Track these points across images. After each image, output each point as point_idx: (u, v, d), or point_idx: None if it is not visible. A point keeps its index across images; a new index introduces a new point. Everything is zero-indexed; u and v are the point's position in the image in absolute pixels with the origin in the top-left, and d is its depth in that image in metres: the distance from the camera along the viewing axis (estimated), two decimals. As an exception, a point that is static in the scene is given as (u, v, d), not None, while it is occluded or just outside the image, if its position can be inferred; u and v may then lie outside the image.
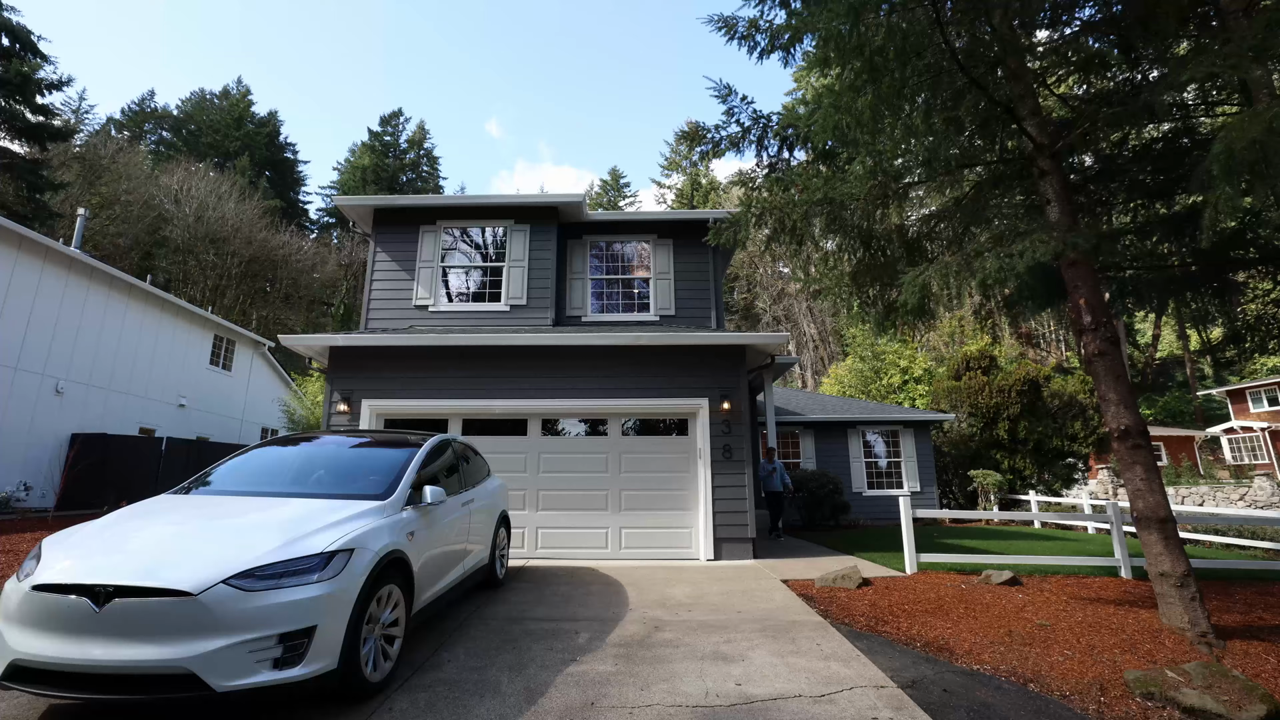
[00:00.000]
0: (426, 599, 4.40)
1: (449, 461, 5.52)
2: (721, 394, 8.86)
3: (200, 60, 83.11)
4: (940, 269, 4.66)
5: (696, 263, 11.02)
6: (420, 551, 4.21)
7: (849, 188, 5.30)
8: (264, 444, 5.02)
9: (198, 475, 4.50)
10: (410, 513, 4.24)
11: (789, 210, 5.36)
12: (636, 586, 6.60)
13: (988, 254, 4.53)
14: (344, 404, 8.85)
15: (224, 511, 3.74)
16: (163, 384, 17.45)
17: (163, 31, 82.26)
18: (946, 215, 6.77)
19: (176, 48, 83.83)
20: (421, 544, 4.26)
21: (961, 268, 4.62)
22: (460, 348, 9.02)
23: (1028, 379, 17.79)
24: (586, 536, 8.59)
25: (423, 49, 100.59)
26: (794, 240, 5.72)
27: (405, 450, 4.82)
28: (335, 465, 4.64)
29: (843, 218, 5.64)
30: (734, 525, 8.46)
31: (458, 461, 5.75)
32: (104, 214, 37.12)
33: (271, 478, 4.47)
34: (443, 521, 4.78)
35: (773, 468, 11.81)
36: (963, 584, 6.48)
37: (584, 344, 9.02)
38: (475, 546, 5.76)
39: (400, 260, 10.51)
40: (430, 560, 4.44)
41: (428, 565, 4.38)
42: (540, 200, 10.45)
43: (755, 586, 6.59)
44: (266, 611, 2.94)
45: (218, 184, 43.16)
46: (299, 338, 8.84)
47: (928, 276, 4.71)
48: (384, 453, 4.84)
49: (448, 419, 8.99)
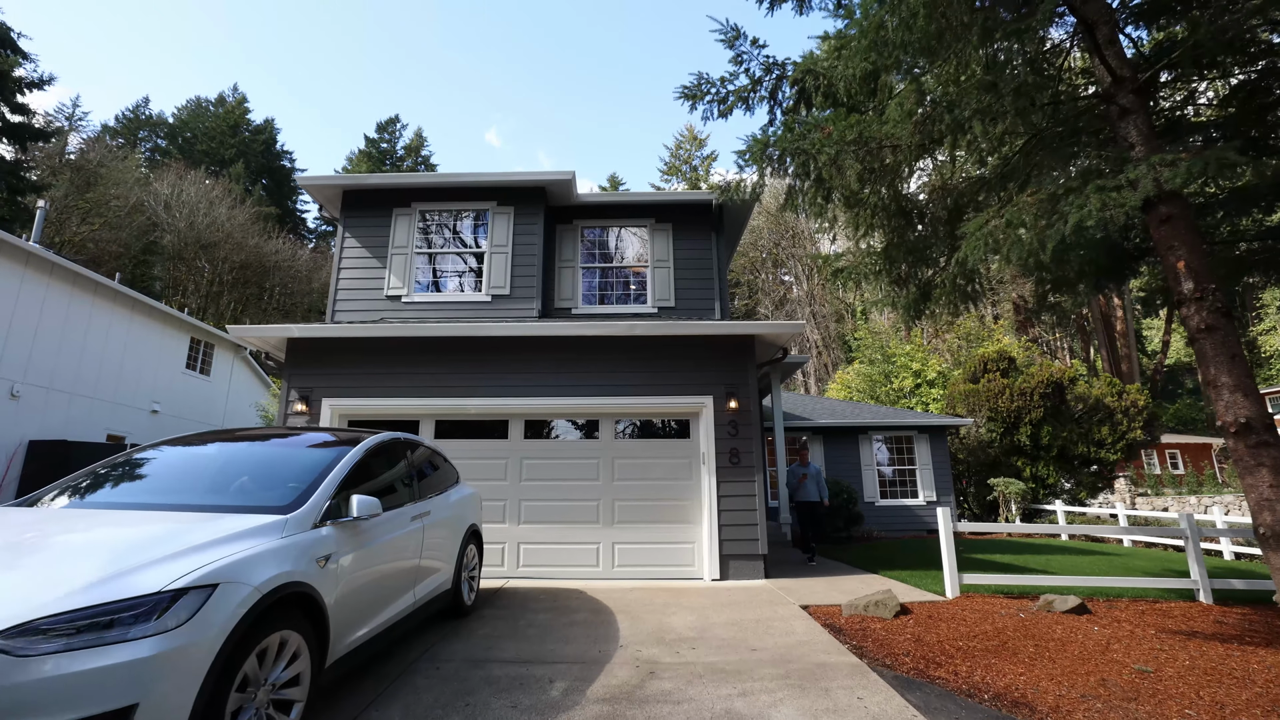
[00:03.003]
0: (353, 643, 3.38)
1: (396, 466, 4.51)
2: (728, 391, 7.85)
3: (197, 68, 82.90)
4: (1016, 211, 3.66)
5: (698, 249, 10.04)
6: (341, 581, 3.19)
7: (890, 128, 4.32)
8: (161, 442, 4.01)
9: (60, 481, 3.48)
10: (328, 530, 3.22)
11: (816, 151, 4.38)
12: (629, 614, 5.56)
13: (1081, 193, 3.53)
14: (302, 404, 7.84)
15: (54, 530, 2.73)
16: (134, 388, 16.45)
17: (159, 39, 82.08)
18: (992, 183, 5.78)
19: (173, 55, 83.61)
20: (344, 571, 3.25)
21: (1043, 210, 3.62)
22: (432, 339, 8.03)
23: (1051, 381, 16.76)
24: (574, 553, 7.54)
25: (422, 59, 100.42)
26: (820, 193, 4.74)
27: (334, 451, 3.80)
28: (236, 469, 3.62)
29: (879, 168, 4.65)
30: (742, 540, 7.42)
31: (411, 466, 4.73)
32: (94, 219, 36.31)
33: (149, 485, 3.47)
34: (381, 540, 3.76)
35: (805, 472, 9.64)
36: (1019, 611, 5.44)
37: (572, 334, 8.02)
38: (434, 568, 4.74)
39: (371, 246, 9.54)
40: (359, 591, 3.42)
41: (354, 598, 3.35)
42: (526, 179, 9.49)
43: (770, 614, 5.54)
44: (51, 687, 1.93)
45: (209, 189, 42.44)
46: (250, 329, 7.85)
47: (995, 227, 3.70)
48: (307, 454, 3.82)
49: (419, 420, 7.97)
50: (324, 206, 9.97)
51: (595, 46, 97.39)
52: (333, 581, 3.11)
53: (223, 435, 4.15)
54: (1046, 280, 6.05)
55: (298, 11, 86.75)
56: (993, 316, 37.96)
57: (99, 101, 76.66)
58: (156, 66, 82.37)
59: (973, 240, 3.81)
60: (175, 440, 4.05)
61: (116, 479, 3.47)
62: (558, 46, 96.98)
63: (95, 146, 43.04)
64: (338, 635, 3.16)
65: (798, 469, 9.73)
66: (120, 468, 3.59)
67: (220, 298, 41.17)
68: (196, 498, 3.27)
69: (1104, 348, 46.37)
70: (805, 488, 9.54)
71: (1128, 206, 3.33)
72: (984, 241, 3.75)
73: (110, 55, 80.00)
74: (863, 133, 4.33)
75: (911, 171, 4.94)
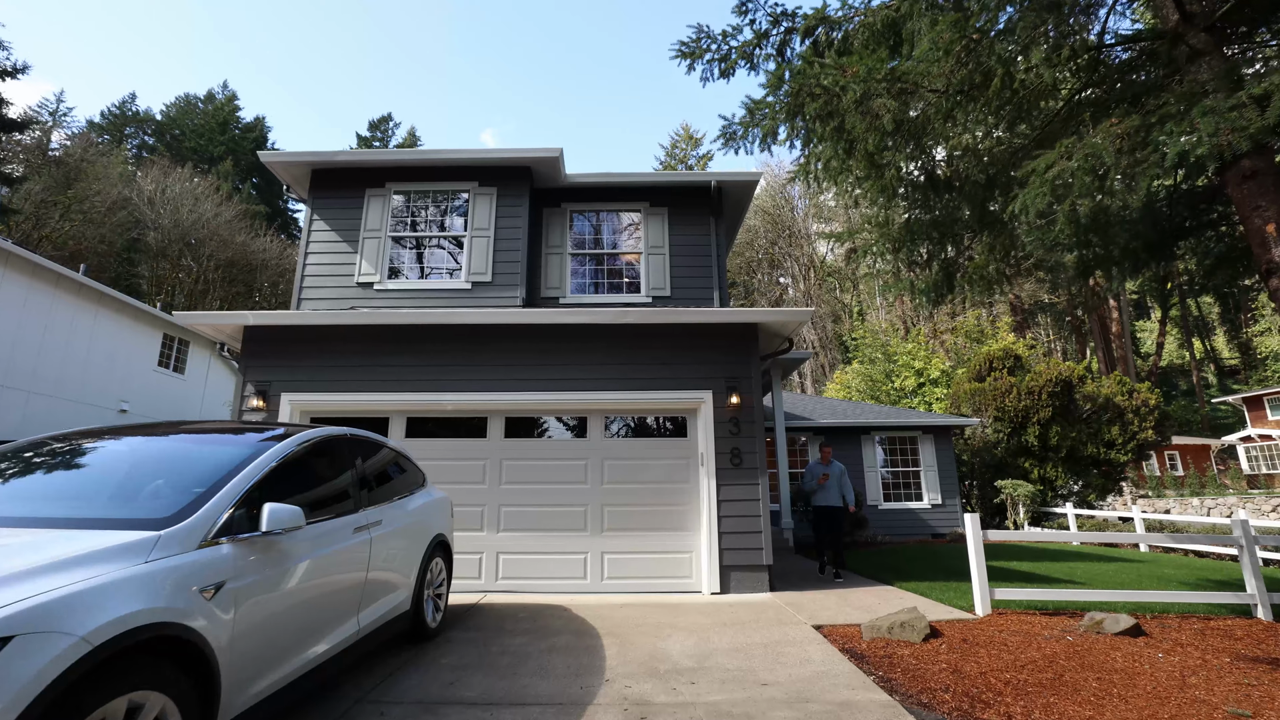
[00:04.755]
0: (263, 692, 2.65)
1: (338, 467, 3.78)
2: (728, 385, 7.15)
3: (188, 65, 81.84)
4: (1095, 144, 2.96)
5: (696, 235, 9.35)
6: (241, 615, 2.47)
7: (926, 65, 3.64)
8: (46, 437, 3.27)
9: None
10: (225, 550, 2.50)
11: (840, 89, 3.68)
12: (619, 637, 4.85)
13: (1182, 119, 2.85)
14: (258, 399, 7.09)
15: None
16: (100, 387, 15.61)
17: (149, 35, 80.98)
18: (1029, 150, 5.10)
19: (163, 51, 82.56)
20: (247, 601, 2.52)
21: (1131, 143, 2.93)
22: (404, 328, 7.30)
23: (1060, 380, 16.14)
24: (559, 564, 6.82)
25: (420, 59, 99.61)
26: (840, 145, 4.03)
27: (250, 449, 3.08)
28: (118, 472, 2.89)
29: (908, 123, 3.96)
30: (745, 550, 6.71)
31: (358, 467, 4.01)
32: (74, 215, 35.35)
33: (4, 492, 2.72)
34: (308, 558, 3.03)
35: (826, 471, 8.08)
36: (1065, 633, 4.75)
37: (559, 323, 7.31)
38: (387, 587, 4.02)
39: (342, 229, 8.80)
40: (271, 625, 2.70)
41: (263, 635, 2.63)
42: (510, 157, 8.77)
43: (780, 637, 4.84)
44: None
45: (194, 186, 41.53)
46: (201, 315, 7.12)
47: (1064, 169, 3.00)
48: (214, 453, 3.09)
49: (389, 417, 7.24)
50: (291, 187, 9.22)
51: (591, 47, 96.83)
52: (226, 617, 2.39)
53: (124, 430, 3.41)
54: (1089, 256, 5.37)
55: (292, 9, 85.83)
56: (989, 318, 37.50)
57: (86, 98, 75.51)
58: (146, 63, 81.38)
59: (1035, 186, 3.12)
60: (63, 435, 3.31)
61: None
62: (555, 47, 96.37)
63: (79, 142, 42.10)
64: (235, 686, 2.43)
65: (817, 467, 8.24)
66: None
67: (206, 296, 40.27)
68: (45, 508, 2.53)
69: (1100, 349, 46.06)
70: (826, 490, 8.05)
71: (1253, 129, 2.66)
72: (1049, 187, 3.07)
73: (99, 51, 78.90)
74: (898, 71, 3.65)
75: (945, 127, 4.25)
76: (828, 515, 8.06)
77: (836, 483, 8.06)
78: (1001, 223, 4.92)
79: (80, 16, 73.71)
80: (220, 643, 2.33)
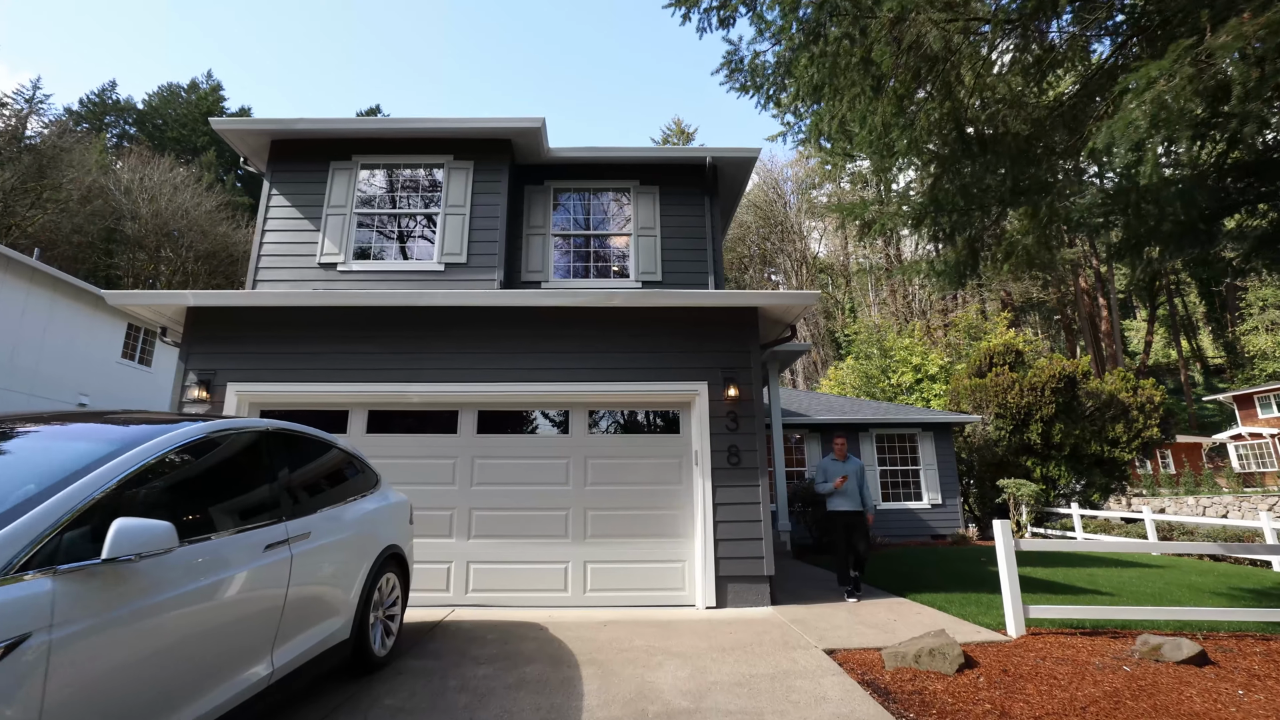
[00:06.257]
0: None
1: (246, 468, 3.06)
2: (725, 376, 6.47)
3: (170, 53, 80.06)
4: (1232, 36, 2.27)
5: (689, 216, 8.66)
6: (59, 684, 1.75)
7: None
8: None
9: None
10: (37, 586, 1.78)
11: (874, 3, 2.99)
12: (600, 666, 4.15)
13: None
14: (201, 389, 6.33)
15: None
16: (56, 379, 14.69)
17: (130, 20, 79.15)
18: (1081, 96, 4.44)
19: (144, 35, 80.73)
20: (72, 659, 1.81)
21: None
22: (366, 310, 6.56)
23: (1063, 375, 15.59)
24: (536, 574, 6.11)
25: (415, 59, 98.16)
26: (867, 82, 3.33)
27: (109, 447, 2.35)
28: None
29: (947, 55, 3.28)
30: (743, 559, 6.04)
31: (277, 468, 3.28)
32: (46, 204, 34.13)
33: None
34: (180, 590, 2.31)
35: (843, 471, 6.67)
36: (1118, 660, 4.10)
37: (539, 305, 6.60)
38: (316, 614, 3.30)
39: (303, 205, 8.03)
40: (112, 688, 1.98)
41: (101, 704, 1.92)
42: (488, 127, 8.02)
43: (788, 665, 4.16)
44: None
45: (173, 175, 40.31)
46: (135, 295, 6.36)
47: (1162, 90, 2.32)
48: (54, 451, 2.36)
49: (348, 410, 6.50)
50: (248, 159, 8.44)
51: (584, 46, 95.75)
52: (26, 689, 1.67)
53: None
54: (1141, 228, 4.73)
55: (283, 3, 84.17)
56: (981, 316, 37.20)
57: (64, 86, 73.64)
58: (127, 49, 79.54)
59: (1127, 113, 2.43)
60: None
61: None
62: (549, 48, 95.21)
63: (55, 129, 40.71)
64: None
65: (833, 465, 6.77)
66: None
67: (186, 288, 39.12)
68: None
69: (1090, 347, 45.92)
70: (845, 492, 6.62)
71: None
72: (1148, 112, 2.37)
73: (77, 37, 76.97)
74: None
75: (990, 54, 3.57)
76: (847, 523, 6.59)
77: (856, 484, 6.65)
78: (1046, 185, 4.27)
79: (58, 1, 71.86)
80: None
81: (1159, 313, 51.70)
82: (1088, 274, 45.72)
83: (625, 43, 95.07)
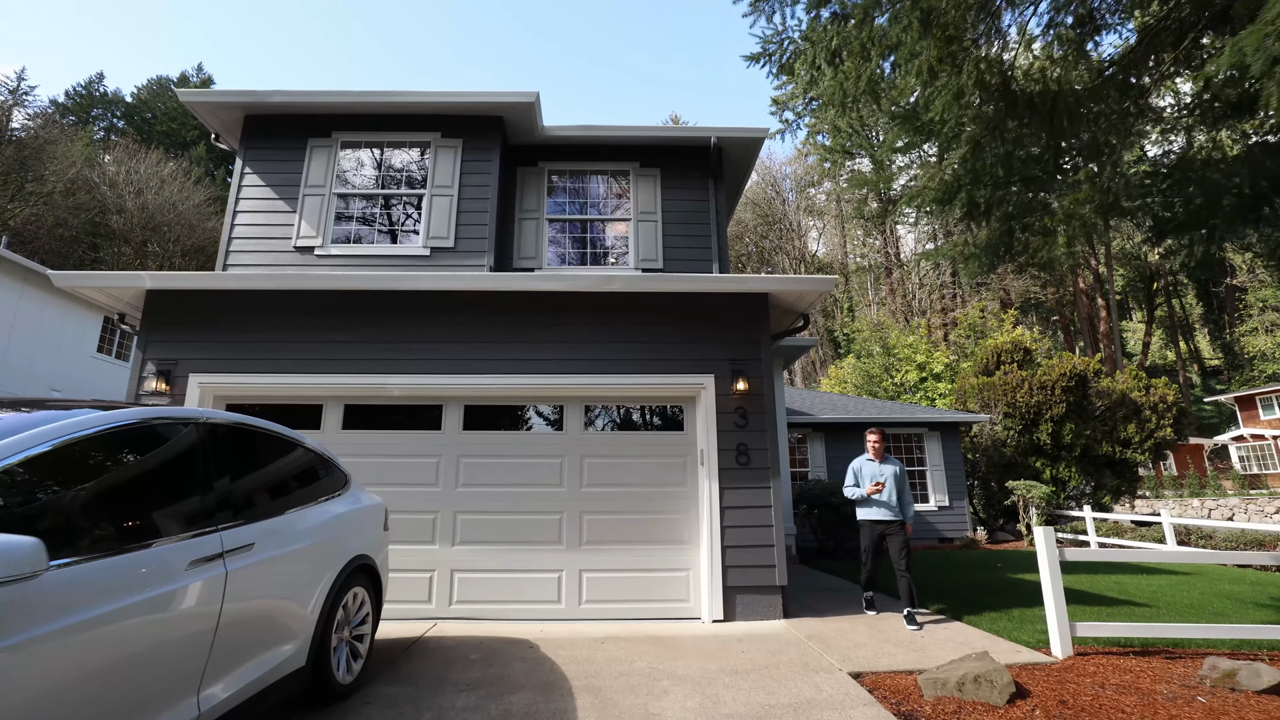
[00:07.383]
0: None
1: (167, 469, 2.52)
2: (733, 368, 5.95)
3: (160, 46, 79.09)
4: None
5: (692, 199, 8.14)
6: None
7: None
8: None
9: None
10: None
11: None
12: (598, 694, 3.62)
13: None
14: (160, 380, 5.78)
15: None
16: (25, 375, 14.06)
17: (119, 11, 78.14)
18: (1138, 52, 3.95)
19: (133, 27, 79.74)
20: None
21: None
22: (343, 295, 6.02)
23: (1074, 374, 15.15)
24: (528, 584, 5.57)
25: (412, 59, 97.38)
26: (918, 14, 2.82)
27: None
28: None
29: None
30: (753, 568, 5.52)
31: (213, 468, 2.74)
32: (27, 196, 33.37)
33: None
34: (54, 626, 1.77)
35: (880, 474, 5.69)
36: (1188, 688, 3.60)
37: (531, 290, 6.07)
38: (262, 640, 2.78)
39: (279, 185, 7.46)
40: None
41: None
42: (478, 102, 7.48)
43: (811, 694, 3.64)
44: None
45: (161, 168, 39.56)
46: (86, 276, 5.80)
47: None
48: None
49: (322, 404, 5.95)
50: (220, 136, 7.87)
51: (584, 46, 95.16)
52: None
53: None
54: (1198, 206, 4.24)
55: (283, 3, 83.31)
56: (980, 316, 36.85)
57: (50, 77, 72.58)
58: (115, 40, 78.50)
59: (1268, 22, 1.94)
60: None
61: None
62: (545, 45, 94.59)
63: (39, 121, 39.88)
64: None
65: (869, 465, 5.80)
66: None
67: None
68: None
69: (1089, 348, 45.68)
70: (881, 498, 5.61)
71: None
72: None
73: (64, 28, 75.93)
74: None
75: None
76: (882, 534, 5.61)
77: (894, 488, 5.61)
78: (1099, 150, 3.78)
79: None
80: None
81: (1157, 314, 51.55)
82: (1086, 275, 45.50)
83: (625, 43, 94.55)
